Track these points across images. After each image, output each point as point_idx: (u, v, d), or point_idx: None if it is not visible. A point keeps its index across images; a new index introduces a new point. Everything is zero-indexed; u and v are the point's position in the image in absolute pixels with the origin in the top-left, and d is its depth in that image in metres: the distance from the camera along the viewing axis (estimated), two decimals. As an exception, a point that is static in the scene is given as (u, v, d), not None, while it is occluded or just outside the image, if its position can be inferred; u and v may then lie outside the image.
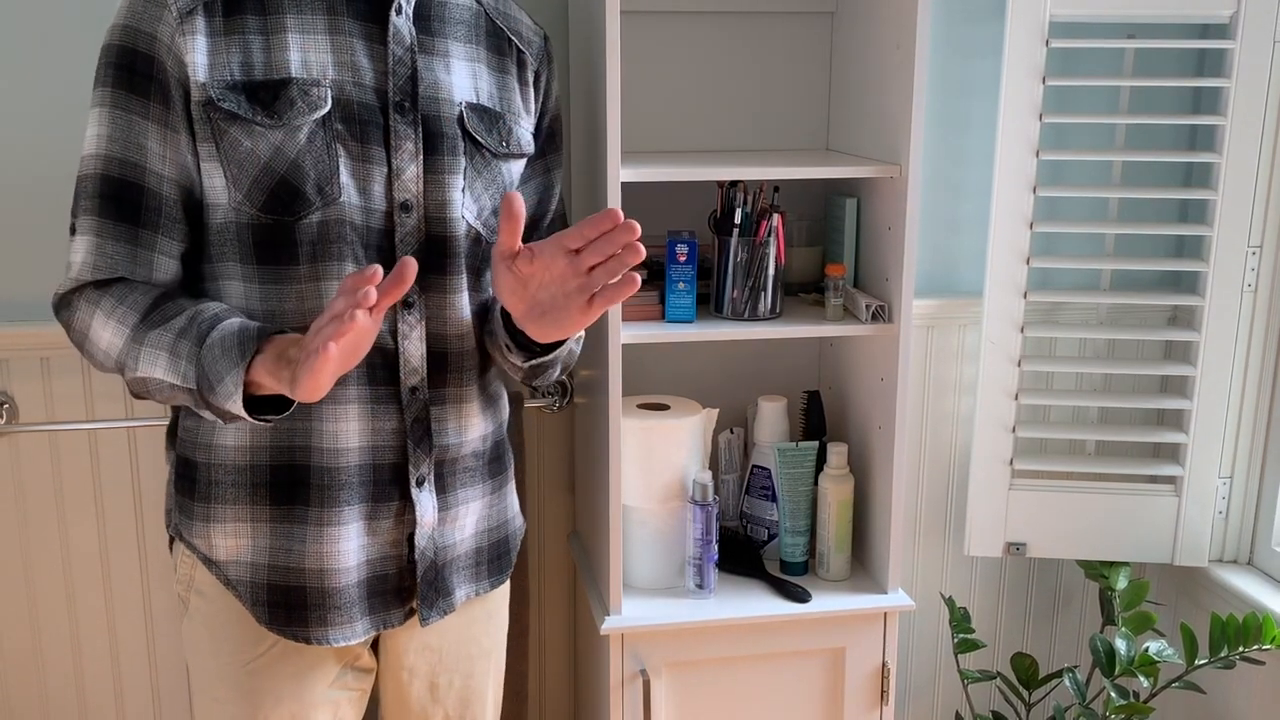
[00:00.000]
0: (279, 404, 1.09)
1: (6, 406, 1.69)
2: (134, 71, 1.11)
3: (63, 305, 1.16)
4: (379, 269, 0.96)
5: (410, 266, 0.97)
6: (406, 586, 1.25)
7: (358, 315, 0.93)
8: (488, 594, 1.34)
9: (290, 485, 1.18)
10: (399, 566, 1.24)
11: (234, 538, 1.20)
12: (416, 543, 1.23)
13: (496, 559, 1.35)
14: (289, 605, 1.20)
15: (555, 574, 1.95)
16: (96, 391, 1.71)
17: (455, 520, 1.27)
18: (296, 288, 1.15)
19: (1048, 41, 1.72)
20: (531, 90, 1.31)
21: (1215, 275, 1.80)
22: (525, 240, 1.35)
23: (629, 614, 1.60)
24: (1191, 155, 1.84)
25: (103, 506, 1.76)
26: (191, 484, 1.21)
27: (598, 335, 1.57)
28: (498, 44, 1.28)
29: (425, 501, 1.23)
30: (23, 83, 1.63)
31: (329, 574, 1.20)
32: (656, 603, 1.63)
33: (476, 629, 1.35)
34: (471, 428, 1.27)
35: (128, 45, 1.11)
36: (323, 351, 0.93)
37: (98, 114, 1.12)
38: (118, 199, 1.12)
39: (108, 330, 1.12)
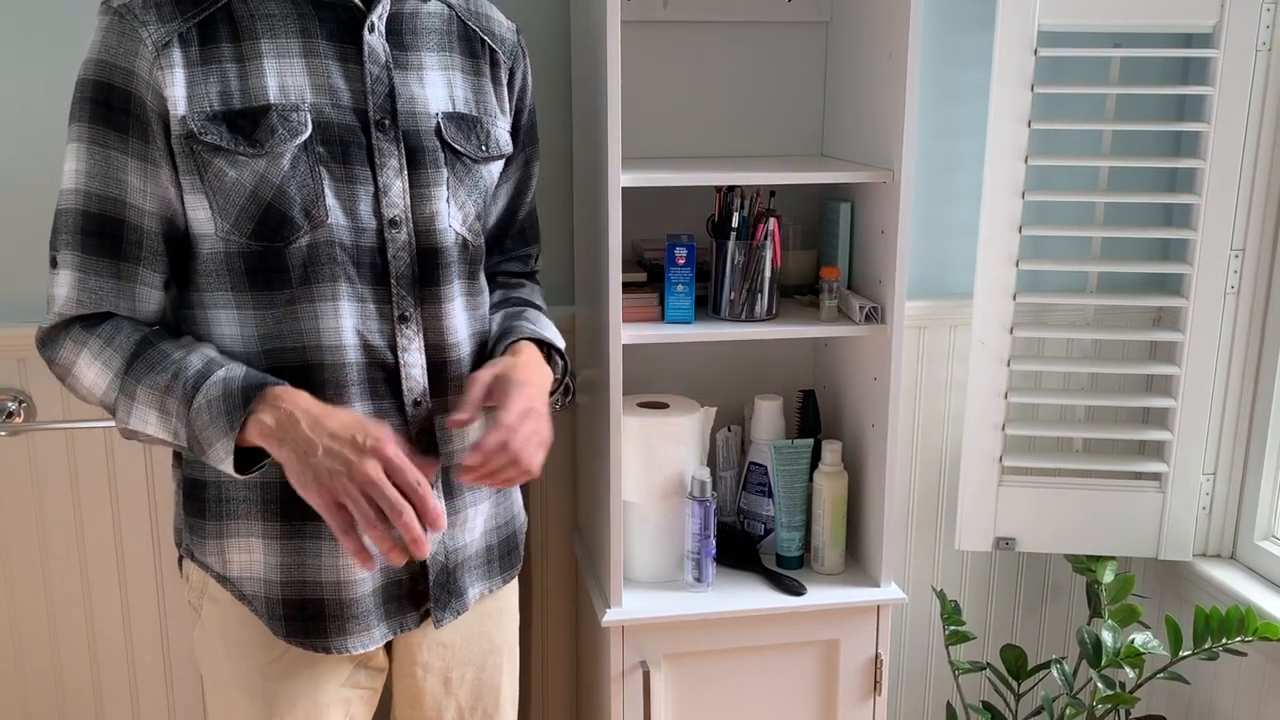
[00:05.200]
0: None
1: (24, 405, 1.72)
2: (110, 107, 1.10)
3: (48, 341, 1.15)
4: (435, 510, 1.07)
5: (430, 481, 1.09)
6: (420, 590, 1.26)
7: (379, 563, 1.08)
8: (499, 590, 1.36)
9: (301, 501, 1.16)
10: (411, 572, 1.25)
11: (247, 554, 1.21)
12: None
13: (506, 555, 1.37)
14: (306, 618, 1.21)
15: (558, 568, 1.97)
16: (112, 391, 1.74)
17: (465, 523, 1.28)
18: (290, 309, 1.15)
19: (1036, 50, 1.75)
20: (505, 89, 1.31)
21: (1199, 277, 1.82)
22: (501, 232, 1.40)
23: (629, 607, 1.61)
24: (1176, 161, 1.86)
25: (118, 503, 1.79)
26: (201, 504, 1.22)
27: (599, 336, 1.60)
28: (470, 47, 1.27)
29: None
30: (40, 87, 1.66)
31: (345, 585, 1.21)
32: (656, 596, 1.65)
33: (488, 624, 1.36)
34: (474, 433, 1.27)
35: (103, 80, 1.09)
36: (353, 551, 1.07)
37: (75, 149, 1.11)
38: (99, 234, 1.11)
39: (92, 371, 1.13)
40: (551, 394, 1.32)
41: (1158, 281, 1.97)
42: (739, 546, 1.77)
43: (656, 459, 1.65)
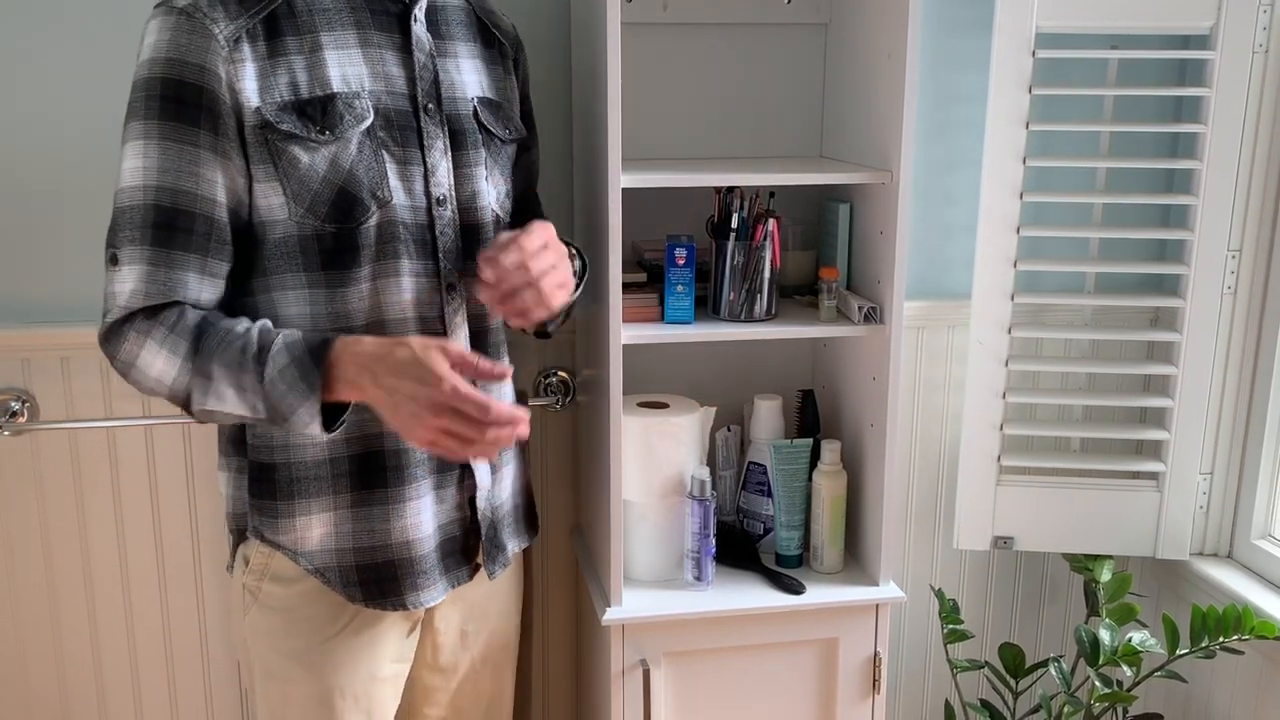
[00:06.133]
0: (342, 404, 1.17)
1: (28, 405, 1.72)
2: (183, 102, 1.14)
3: (111, 334, 1.18)
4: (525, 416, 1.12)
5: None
6: (470, 545, 1.35)
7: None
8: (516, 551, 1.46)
9: (367, 471, 1.26)
10: (464, 528, 1.34)
11: (320, 528, 1.27)
12: (478, 504, 1.34)
13: (529, 516, 1.48)
14: (380, 580, 1.29)
15: (558, 567, 1.98)
16: (115, 390, 1.74)
17: (501, 481, 1.38)
18: (358, 288, 1.22)
19: (1034, 52, 1.76)
20: (513, 78, 1.40)
21: (1196, 278, 1.83)
22: (515, 213, 1.45)
23: (629, 606, 1.62)
24: (1173, 162, 1.87)
25: (121, 503, 1.79)
26: (272, 485, 1.26)
27: (599, 336, 1.60)
28: (487, 38, 1.37)
29: (481, 467, 1.34)
30: (47, 90, 1.66)
31: (413, 544, 1.29)
32: (656, 595, 1.66)
33: (501, 584, 1.45)
34: (506, 396, 1.39)
35: (173, 77, 1.14)
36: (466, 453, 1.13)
37: (142, 146, 1.14)
38: (170, 227, 1.15)
39: (159, 359, 1.16)
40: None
41: (1155, 282, 1.98)
42: (738, 545, 1.77)
43: (656, 458, 1.66)
